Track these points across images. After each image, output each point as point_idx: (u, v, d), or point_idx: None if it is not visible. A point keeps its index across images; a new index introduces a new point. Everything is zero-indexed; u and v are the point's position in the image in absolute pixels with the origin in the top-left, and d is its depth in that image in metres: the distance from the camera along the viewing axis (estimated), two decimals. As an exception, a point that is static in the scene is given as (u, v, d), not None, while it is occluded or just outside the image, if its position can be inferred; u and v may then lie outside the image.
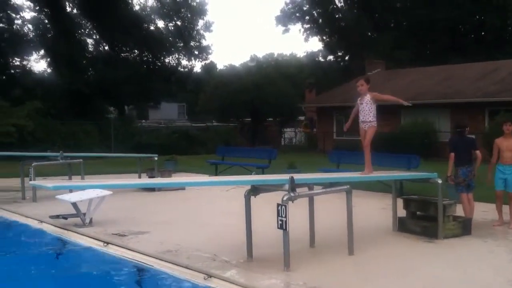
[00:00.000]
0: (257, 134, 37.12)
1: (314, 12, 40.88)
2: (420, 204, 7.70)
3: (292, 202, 5.60)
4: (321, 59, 42.72)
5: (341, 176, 7.81)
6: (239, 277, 5.46)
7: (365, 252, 6.44)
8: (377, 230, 7.89)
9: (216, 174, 15.07)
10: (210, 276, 5.51)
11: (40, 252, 7.28)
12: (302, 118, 39.58)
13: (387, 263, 6.11)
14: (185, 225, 8.51)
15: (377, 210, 9.62)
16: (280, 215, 5.45)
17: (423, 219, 7.61)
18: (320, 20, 40.73)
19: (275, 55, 59.44)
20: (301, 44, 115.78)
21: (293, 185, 5.66)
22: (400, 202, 7.86)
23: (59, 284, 5.88)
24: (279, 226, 5.50)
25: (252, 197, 6.11)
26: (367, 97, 7.44)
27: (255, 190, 6.09)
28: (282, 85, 37.58)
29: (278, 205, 5.49)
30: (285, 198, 5.50)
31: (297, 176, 6.09)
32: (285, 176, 6.03)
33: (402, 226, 7.70)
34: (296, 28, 46.35)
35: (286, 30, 42.18)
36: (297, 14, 41.16)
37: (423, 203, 7.66)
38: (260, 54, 69.00)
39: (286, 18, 41.35)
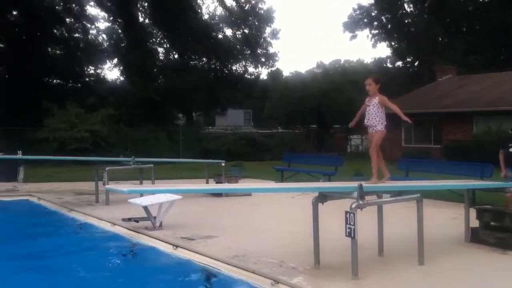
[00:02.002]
0: (323, 141, 36.90)
1: (382, 17, 40.28)
2: (495, 214, 7.39)
3: (361, 210, 5.53)
4: (389, 65, 41.98)
5: (411, 185, 7.63)
6: (306, 284, 5.44)
7: (435, 263, 6.26)
8: (448, 240, 7.65)
9: (282, 181, 15.10)
10: (278, 282, 5.53)
11: (112, 254, 7.54)
12: (369, 125, 39.01)
13: (459, 274, 5.91)
14: (251, 230, 8.57)
15: (448, 220, 9.33)
16: (349, 222, 5.40)
17: (497, 230, 7.30)
18: (389, 26, 40.07)
19: (342, 61, 58.98)
20: (368, 50, 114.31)
21: (362, 193, 5.59)
22: (473, 212, 7.59)
23: (131, 285, 6.06)
24: (347, 234, 5.44)
25: (319, 204, 6.08)
26: (375, 100, 7.02)
27: (323, 197, 6.06)
28: (348, 91, 37.18)
29: (346, 212, 5.43)
30: (353, 206, 5.45)
31: (365, 184, 6.01)
32: (354, 184, 5.97)
33: (475, 236, 7.43)
34: (364, 34, 45.83)
35: (354, 36, 41.80)
36: (365, 20, 40.69)
37: (498, 213, 7.35)
38: (327, 61, 68.69)
39: (353, 24, 40.96)
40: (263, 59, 38.92)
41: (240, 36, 37.95)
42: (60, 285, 6.02)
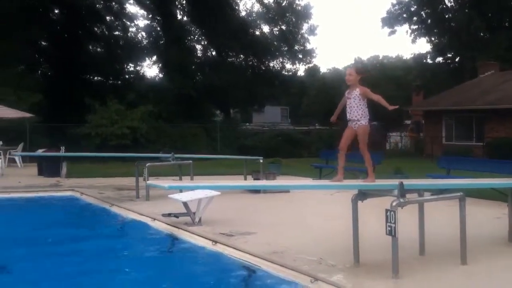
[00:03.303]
0: (361, 138, 36.54)
1: (422, 12, 39.51)
2: (541, 214, 7.20)
3: (402, 208, 5.47)
4: (429, 60, 41.16)
5: (453, 183, 7.49)
6: (346, 282, 5.42)
7: (478, 263, 6.14)
8: (492, 240, 7.49)
9: (320, 178, 15.04)
10: (317, 279, 5.52)
11: (153, 248, 7.68)
12: (408, 122, 38.44)
13: (503, 275, 5.79)
14: (290, 227, 8.58)
15: (491, 219, 9.13)
16: (389, 221, 5.35)
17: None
18: (429, 21, 39.28)
19: (380, 57, 58.32)
20: (408, 45, 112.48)
21: (403, 191, 5.53)
22: (517, 211, 7.40)
23: (172, 279, 6.16)
24: (387, 232, 5.39)
25: (359, 202, 6.04)
26: (356, 92, 6.50)
27: (363, 195, 6.02)
28: (387, 88, 36.74)
29: (387, 210, 5.38)
30: (394, 204, 5.39)
31: (406, 182, 5.94)
32: (394, 181, 5.91)
33: (519, 237, 7.25)
34: (403, 30, 45.07)
35: (393, 32, 41.10)
36: (404, 15, 39.99)
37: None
38: (365, 57, 67.96)
39: (392, 20, 40.30)
40: (300, 56, 38.73)
41: (277, 32, 37.86)
42: (102, 278, 6.17)
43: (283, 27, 37.61)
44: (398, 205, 5.41)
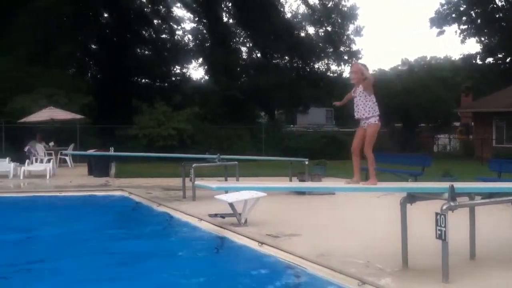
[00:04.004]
0: (408, 140, 35.96)
1: (471, 12, 38.51)
2: None
3: (452, 211, 5.36)
4: (479, 61, 40.07)
5: (505, 186, 7.28)
6: (394, 286, 5.35)
7: (532, 269, 5.95)
8: (546, 246, 7.24)
9: (365, 180, 14.87)
10: (364, 283, 5.47)
11: (200, 248, 7.76)
12: (457, 124, 37.57)
13: (560, 283, 5.58)
14: (336, 230, 8.52)
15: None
16: (439, 224, 5.25)
17: None
18: (479, 21, 38.24)
19: (428, 58, 57.14)
20: (456, 46, 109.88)
21: (453, 194, 5.42)
22: None
23: (219, 279, 6.22)
24: (437, 236, 5.29)
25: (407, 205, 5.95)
26: (360, 88, 6.26)
27: (412, 198, 5.93)
28: (435, 89, 36.05)
29: (437, 214, 5.29)
30: (444, 207, 5.29)
31: (456, 185, 5.82)
32: (444, 184, 5.79)
33: None
34: (452, 30, 43.88)
35: (441, 32, 40.17)
36: (453, 15, 39.06)
37: None
38: (412, 58, 66.72)
39: (441, 20, 39.40)
40: (346, 57, 38.40)
41: (322, 33, 37.68)
42: (151, 277, 6.29)
43: (329, 28, 37.40)
44: (449, 209, 5.31)
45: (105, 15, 35.55)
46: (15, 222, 9.85)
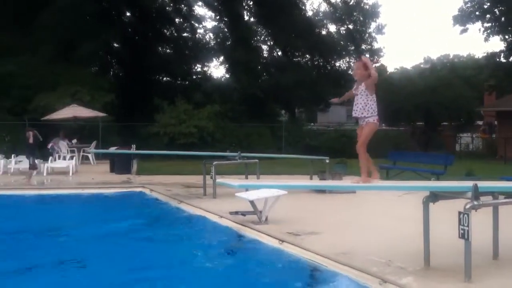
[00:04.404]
0: (430, 139, 35.60)
1: (495, 9, 37.96)
2: None
3: (475, 211, 5.31)
4: (502, 59, 39.47)
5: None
6: (416, 285, 5.31)
7: (557, 270, 5.86)
8: None
9: (387, 179, 14.80)
10: (386, 282, 5.44)
11: (221, 245, 7.80)
12: (480, 122, 37.09)
13: None
14: (356, 228, 8.49)
15: None
16: (462, 224, 5.20)
17: None
18: (503, 18, 37.68)
19: (451, 56, 56.55)
20: (480, 44, 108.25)
21: (477, 193, 5.36)
22: None
23: (240, 277, 6.24)
24: (460, 236, 5.24)
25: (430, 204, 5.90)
26: (362, 86, 6.10)
27: (434, 196, 5.88)
28: (458, 88, 35.60)
29: (459, 213, 5.24)
30: (467, 207, 5.23)
31: (480, 184, 5.75)
32: (467, 183, 5.73)
33: None
34: (475, 28, 43.28)
35: (464, 30, 39.69)
36: (477, 13, 38.54)
37: None
38: (434, 56, 66.05)
39: (464, 18, 38.92)
40: (367, 55, 38.11)
41: (344, 31, 37.48)
42: (170, 272, 6.35)
43: (350, 26, 37.18)
44: (472, 208, 5.25)
45: (128, 14, 35.85)
46: (41, 218, 10.03)
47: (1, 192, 12.97)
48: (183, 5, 35.71)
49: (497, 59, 39.08)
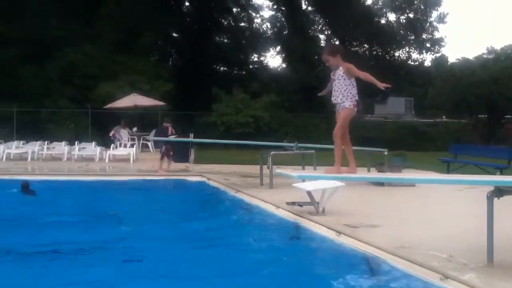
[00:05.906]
0: (493, 132, 34.39)
1: None
2: None
3: (544, 208, 5.12)
4: None
5: None
6: (479, 282, 5.17)
7: None
8: None
9: (448, 173, 14.43)
10: (447, 277, 5.33)
11: (279, 235, 7.84)
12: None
13: None
14: (416, 222, 8.33)
15: None
16: (530, 221, 5.03)
17: None
18: None
19: (516, 46, 54.17)
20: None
21: (546, 189, 5.16)
22: None
23: (297, 268, 6.26)
24: (527, 233, 5.08)
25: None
26: (340, 71, 5.83)
27: (499, 191, 5.69)
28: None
29: (527, 210, 5.07)
30: (536, 203, 5.06)
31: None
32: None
33: None
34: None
35: (532, 18, 38.02)
36: (546, 0, 36.86)
37: None
38: (498, 46, 63.55)
39: (532, 5, 37.29)
40: (428, 45, 37.17)
41: (404, 20, 36.64)
42: (231, 258, 6.45)
43: (411, 15, 36.31)
44: (541, 205, 5.07)
45: (186, 3, 36.33)
46: (105, 203, 10.39)
47: (70, 178, 13.52)
48: (241, -5, 35.90)
49: None
